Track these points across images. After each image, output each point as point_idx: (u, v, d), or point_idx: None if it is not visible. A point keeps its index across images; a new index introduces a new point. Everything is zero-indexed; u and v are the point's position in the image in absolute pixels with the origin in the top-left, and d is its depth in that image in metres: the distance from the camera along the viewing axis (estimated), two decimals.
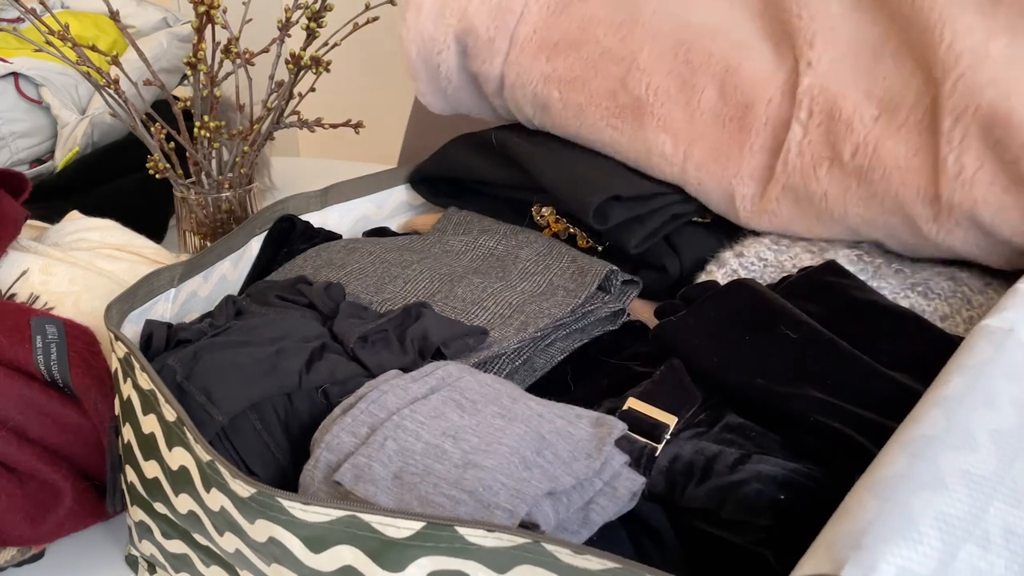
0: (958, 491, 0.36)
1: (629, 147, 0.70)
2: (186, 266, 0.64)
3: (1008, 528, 0.36)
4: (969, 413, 0.40)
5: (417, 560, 0.38)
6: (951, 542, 0.34)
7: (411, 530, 0.38)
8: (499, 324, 0.60)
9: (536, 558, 0.36)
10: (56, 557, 0.59)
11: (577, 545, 0.36)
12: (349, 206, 0.79)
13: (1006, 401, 0.41)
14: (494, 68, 0.75)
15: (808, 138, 0.63)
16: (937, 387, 0.43)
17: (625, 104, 0.69)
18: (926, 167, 0.59)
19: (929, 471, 0.36)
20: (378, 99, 1.99)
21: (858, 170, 0.61)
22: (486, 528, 0.37)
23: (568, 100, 0.72)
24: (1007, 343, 0.45)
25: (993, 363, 0.43)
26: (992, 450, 0.38)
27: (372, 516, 0.39)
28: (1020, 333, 0.46)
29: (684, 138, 0.67)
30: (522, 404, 0.48)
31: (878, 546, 0.33)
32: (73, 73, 0.93)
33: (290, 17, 0.79)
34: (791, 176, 0.64)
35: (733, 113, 0.66)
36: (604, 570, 0.35)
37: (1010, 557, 0.36)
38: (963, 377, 0.42)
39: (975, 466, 0.37)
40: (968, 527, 0.35)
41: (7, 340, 0.54)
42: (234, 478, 0.42)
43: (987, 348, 0.44)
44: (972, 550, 0.35)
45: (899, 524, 0.34)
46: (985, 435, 0.39)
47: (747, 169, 0.66)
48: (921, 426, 0.39)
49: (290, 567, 0.41)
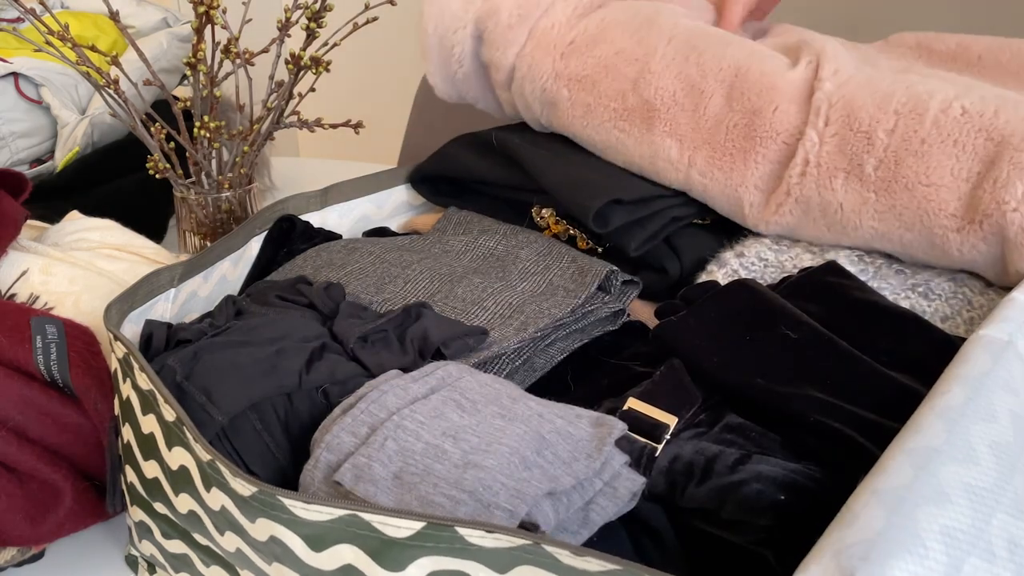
0: (961, 504, 0.36)
1: (635, 150, 0.70)
2: (186, 266, 0.64)
3: (1012, 540, 0.37)
4: (970, 426, 0.40)
5: (417, 560, 0.38)
6: (956, 555, 0.35)
7: (411, 530, 0.38)
8: (499, 324, 0.60)
9: (536, 559, 0.36)
10: (56, 557, 0.59)
11: (577, 547, 0.36)
12: (349, 206, 0.79)
13: (1004, 414, 0.41)
14: (507, 58, 0.75)
15: (825, 148, 0.62)
16: (937, 396, 0.43)
17: (634, 107, 0.69)
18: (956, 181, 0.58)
19: (932, 484, 0.37)
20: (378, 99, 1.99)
21: (879, 183, 0.60)
22: (486, 528, 0.37)
23: (576, 99, 0.72)
24: (1005, 355, 0.45)
25: (992, 376, 0.44)
26: (992, 463, 0.39)
27: (373, 515, 0.39)
28: (1018, 345, 0.46)
29: (689, 143, 0.67)
30: (522, 404, 0.48)
31: (886, 560, 0.33)
32: (73, 73, 0.93)
33: (290, 17, 0.79)
34: (804, 186, 0.63)
35: (739, 120, 0.65)
36: (604, 571, 0.35)
37: (1015, 570, 0.36)
38: (963, 388, 0.43)
39: (977, 479, 0.38)
40: (972, 540, 0.35)
41: (7, 340, 0.54)
42: (235, 477, 0.42)
43: (986, 360, 0.45)
44: (977, 563, 0.35)
45: (905, 537, 0.34)
46: (985, 448, 0.39)
47: (753, 178, 0.65)
48: (924, 436, 0.40)
49: (291, 566, 0.41)
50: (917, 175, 0.59)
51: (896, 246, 0.63)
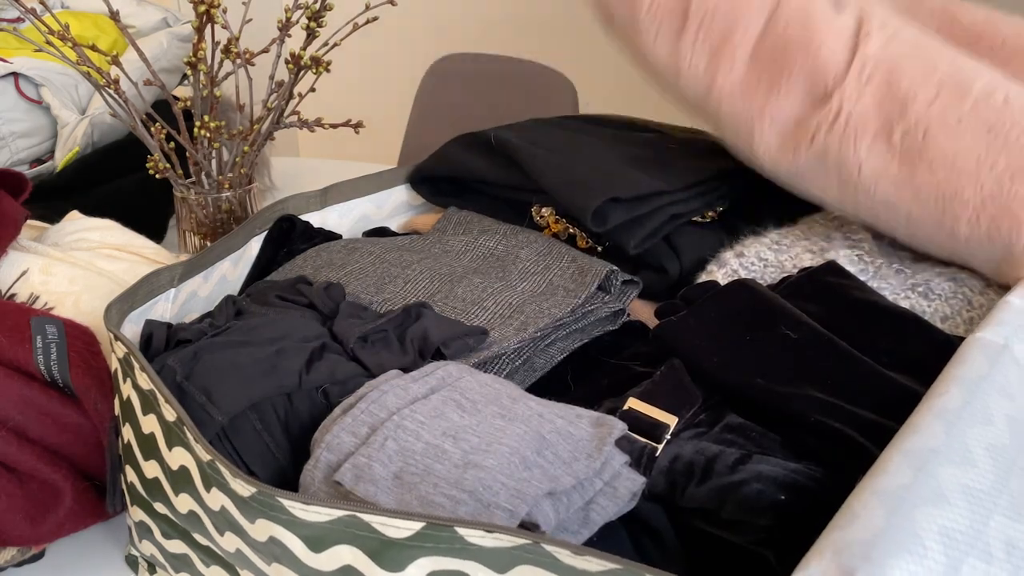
0: (959, 506, 0.36)
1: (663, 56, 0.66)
2: (186, 266, 0.64)
3: (1009, 542, 0.37)
4: (967, 428, 0.40)
5: (417, 560, 0.38)
6: (955, 556, 0.35)
7: (411, 530, 0.38)
8: (499, 324, 0.60)
9: (536, 559, 0.37)
10: (56, 557, 0.59)
11: (577, 546, 0.36)
12: (349, 206, 0.79)
13: (1001, 418, 0.42)
14: None
15: (860, 104, 0.59)
16: (935, 397, 0.43)
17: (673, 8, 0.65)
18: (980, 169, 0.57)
19: (931, 485, 0.37)
20: (378, 99, 2.00)
21: (904, 154, 0.58)
22: (485, 528, 0.37)
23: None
24: (1002, 359, 0.46)
25: (989, 379, 0.44)
26: (989, 465, 0.39)
27: (372, 516, 0.39)
28: (1014, 349, 0.46)
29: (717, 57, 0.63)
30: (522, 404, 0.48)
31: (886, 560, 0.33)
32: (73, 73, 0.93)
33: (290, 17, 0.79)
34: (831, 137, 0.60)
35: (778, 45, 0.61)
36: (604, 571, 0.35)
37: (1012, 571, 0.36)
38: (960, 390, 0.43)
39: (974, 481, 0.38)
40: (970, 541, 0.36)
41: (7, 340, 0.54)
42: (235, 477, 0.42)
43: (983, 363, 0.45)
44: (975, 563, 0.35)
45: (905, 537, 0.34)
46: (982, 451, 0.40)
47: (772, 110, 0.62)
48: (923, 438, 0.40)
49: (290, 566, 0.41)
50: (944, 154, 0.57)
51: (900, 219, 0.61)
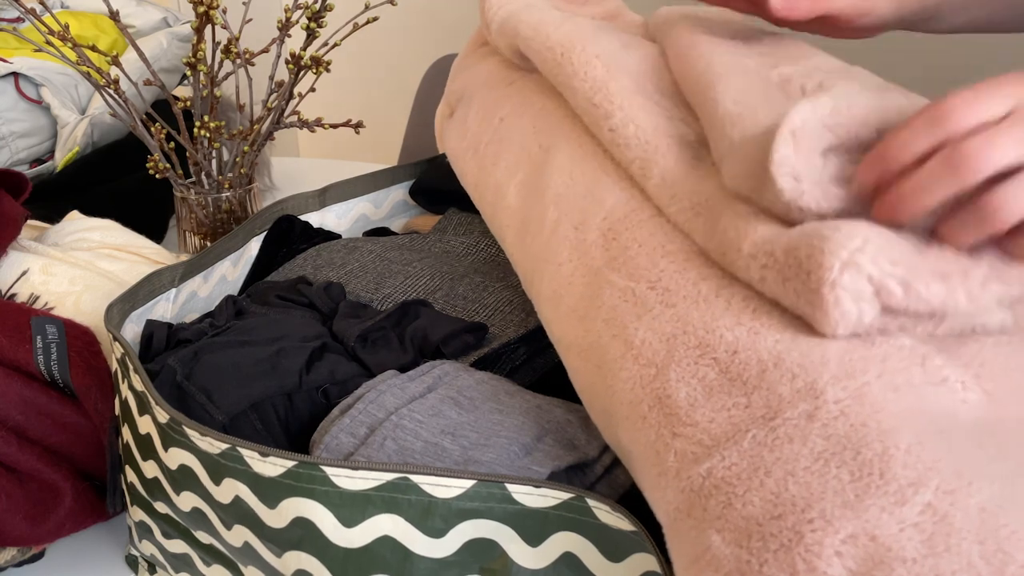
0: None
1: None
2: (186, 266, 0.64)
3: None
4: None
5: (457, 526, 0.39)
6: None
7: (460, 488, 0.39)
8: (499, 321, 0.60)
9: (575, 519, 0.39)
10: (56, 557, 0.59)
11: (614, 503, 0.38)
12: (347, 206, 0.79)
13: None
14: None
15: None
16: None
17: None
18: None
19: None
20: (378, 99, 1.99)
21: None
22: (533, 484, 0.39)
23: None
24: None
25: None
26: None
27: (422, 476, 0.39)
28: None
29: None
30: (520, 398, 0.48)
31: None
32: (73, 73, 0.93)
33: (290, 17, 0.80)
34: None
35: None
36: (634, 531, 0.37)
37: None
38: None
39: None
40: None
41: (7, 340, 0.54)
42: (265, 457, 0.41)
43: None
44: None
45: None
46: None
47: None
48: None
49: (310, 550, 0.41)
50: None
51: None
